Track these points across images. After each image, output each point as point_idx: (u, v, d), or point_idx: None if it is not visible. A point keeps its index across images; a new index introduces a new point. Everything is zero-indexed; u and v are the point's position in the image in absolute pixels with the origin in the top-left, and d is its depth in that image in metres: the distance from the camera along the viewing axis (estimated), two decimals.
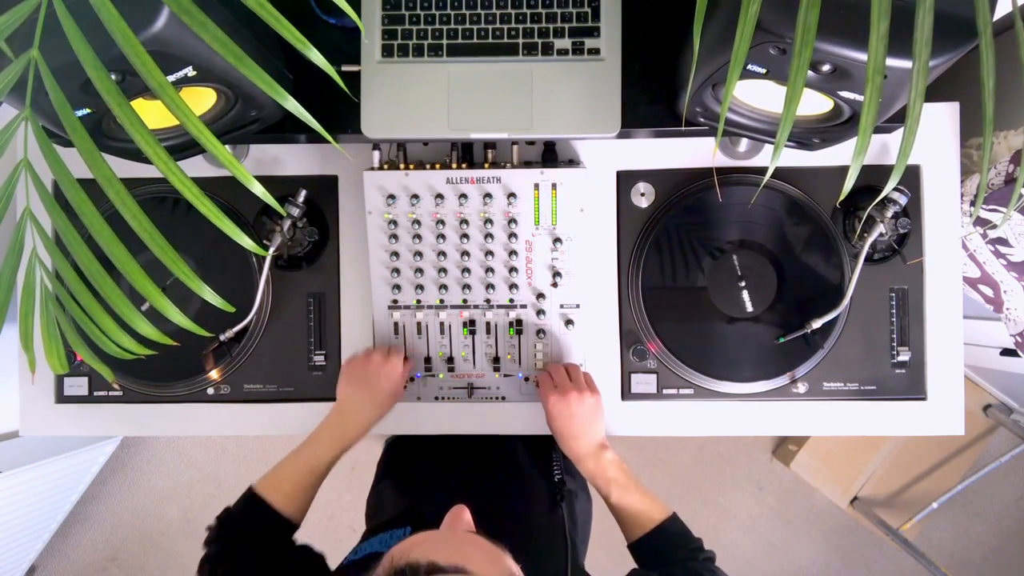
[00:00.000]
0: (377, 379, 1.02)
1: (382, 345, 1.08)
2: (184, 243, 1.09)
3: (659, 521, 0.94)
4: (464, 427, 1.14)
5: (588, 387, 1.01)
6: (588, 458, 0.98)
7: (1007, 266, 1.20)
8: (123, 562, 2.35)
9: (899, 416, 1.10)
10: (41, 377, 1.15)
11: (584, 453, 0.98)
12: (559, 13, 0.93)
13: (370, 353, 1.05)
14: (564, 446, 0.99)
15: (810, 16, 0.58)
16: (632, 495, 0.96)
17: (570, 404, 0.98)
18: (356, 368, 1.05)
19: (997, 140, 1.10)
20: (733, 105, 0.89)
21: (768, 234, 1.07)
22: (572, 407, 0.98)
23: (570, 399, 0.98)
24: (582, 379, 1.02)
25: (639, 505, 0.95)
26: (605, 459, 0.97)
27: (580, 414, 0.98)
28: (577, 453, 0.98)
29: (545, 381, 1.03)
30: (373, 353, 1.05)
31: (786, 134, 0.61)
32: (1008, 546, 2.26)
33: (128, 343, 0.71)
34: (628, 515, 0.95)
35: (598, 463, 0.97)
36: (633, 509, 0.95)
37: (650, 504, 0.96)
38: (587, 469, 0.98)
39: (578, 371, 1.04)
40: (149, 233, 0.63)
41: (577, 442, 0.98)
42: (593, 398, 0.99)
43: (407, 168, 1.04)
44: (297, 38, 0.62)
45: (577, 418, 0.98)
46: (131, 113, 0.61)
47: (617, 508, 0.96)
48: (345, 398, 1.04)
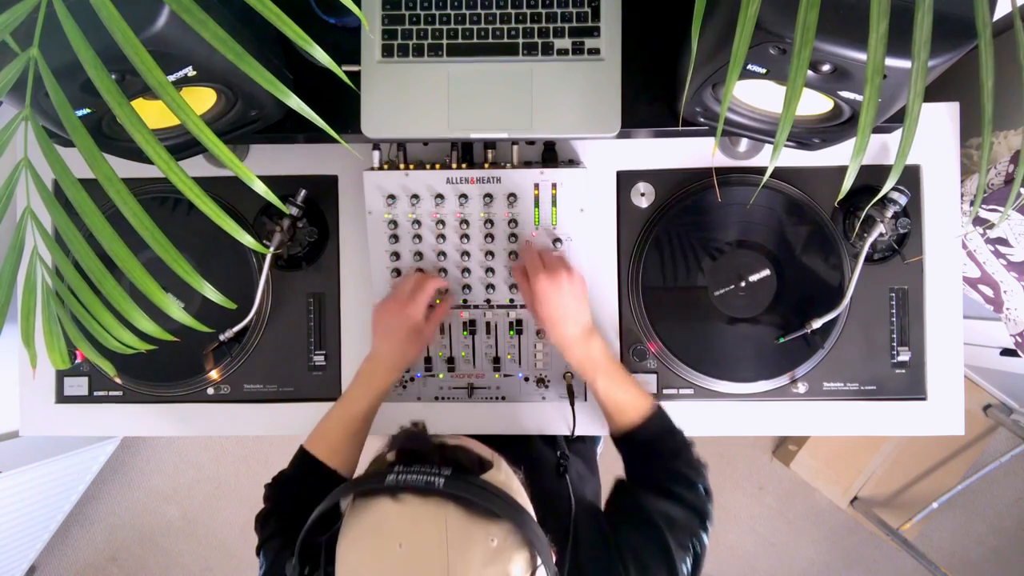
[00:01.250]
0: (396, 330, 0.98)
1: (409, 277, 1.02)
2: (184, 244, 1.09)
3: (645, 413, 0.93)
4: (464, 427, 1.14)
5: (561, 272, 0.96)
6: (576, 344, 0.95)
7: (1007, 266, 1.20)
8: (123, 562, 2.35)
9: (899, 416, 1.10)
10: (41, 377, 1.15)
11: (573, 338, 0.95)
12: (559, 13, 0.93)
13: (392, 298, 1.00)
14: (553, 332, 0.96)
15: (810, 16, 0.59)
16: (618, 384, 0.94)
17: (561, 284, 0.93)
18: (380, 316, 1.00)
19: (997, 140, 1.10)
20: (733, 105, 0.89)
21: (768, 234, 1.07)
22: (563, 287, 0.93)
23: (560, 278, 0.93)
24: (566, 260, 0.98)
25: (626, 395, 0.94)
26: (593, 345, 0.95)
27: (571, 293, 0.94)
28: (566, 338, 0.95)
29: (533, 261, 0.97)
30: (394, 295, 0.99)
31: (786, 134, 0.61)
32: (1008, 546, 2.26)
33: (129, 339, 0.71)
34: (612, 405, 0.94)
35: (586, 349, 0.95)
36: (617, 398, 0.94)
37: (636, 395, 0.95)
38: (575, 357, 0.96)
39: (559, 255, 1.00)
40: (150, 231, 0.63)
41: (567, 326, 0.95)
42: (580, 278, 0.96)
43: (407, 168, 1.04)
44: (299, 35, 0.62)
45: (567, 296, 0.94)
46: (131, 113, 0.61)
47: (603, 397, 0.95)
48: (374, 347, 1.01)
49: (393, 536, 0.60)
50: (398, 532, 0.60)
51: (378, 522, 0.62)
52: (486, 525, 0.61)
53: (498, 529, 0.62)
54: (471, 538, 0.60)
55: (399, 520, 0.61)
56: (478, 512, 0.62)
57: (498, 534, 0.61)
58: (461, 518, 0.61)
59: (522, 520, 0.63)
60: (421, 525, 0.60)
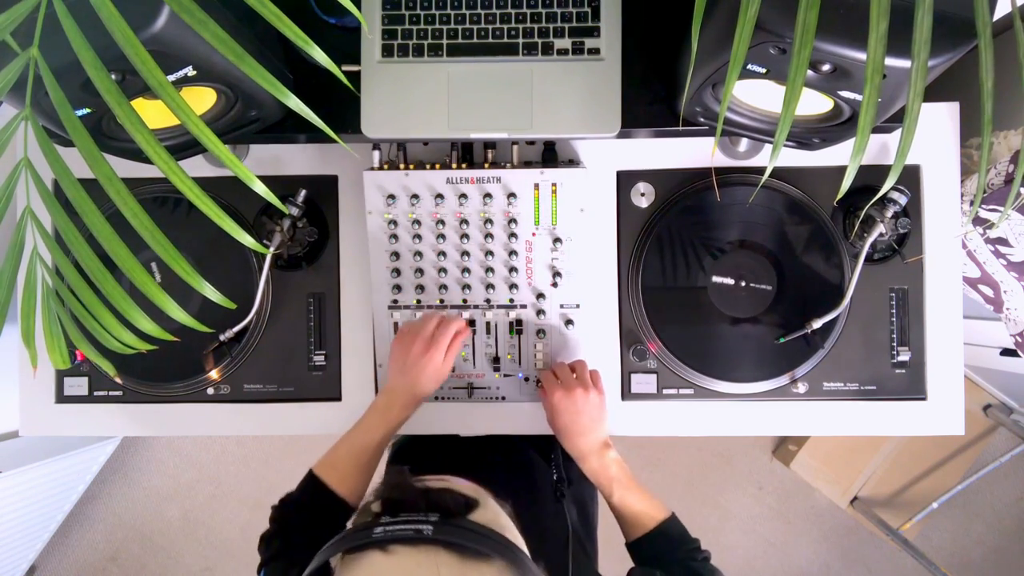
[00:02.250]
0: (416, 369, 0.98)
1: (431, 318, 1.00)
2: (184, 244, 1.09)
3: (659, 521, 0.94)
4: (464, 427, 1.14)
5: (594, 384, 1.00)
6: (591, 456, 0.97)
7: (1007, 266, 1.20)
8: (123, 562, 2.35)
9: (899, 416, 1.10)
10: (41, 377, 1.15)
11: (588, 451, 0.97)
12: (559, 13, 0.93)
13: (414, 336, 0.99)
14: (567, 443, 0.99)
15: (809, 16, 0.59)
16: (633, 495, 0.95)
17: (575, 401, 0.97)
18: (399, 353, 1.00)
19: (997, 140, 1.10)
20: (733, 105, 0.89)
21: (768, 234, 1.07)
22: (578, 404, 0.97)
23: (575, 396, 0.97)
24: (587, 376, 1.01)
25: (640, 505, 0.95)
26: (608, 457, 0.97)
27: (586, 411, 0.97)
28: (581, 451, 0.98)
29: (549, 377, 1.02)
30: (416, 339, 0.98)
31: (785, 134, 0.61)
32: (1008, 546, 2.26)
33: (129, 339, 0.71)
34: (629, 515, 0.95)
35: (601, 461, 0.97)
36: (634, 509, 0.95)
37: (650, 504, 0.95)
38: (590, 467, 0.98)
39: (584, 367, 1.03)
40: (150, 231, 0.64)
41: (582, 439, 0.97)
42: (599, 396, 0.99)
43: (407, 168, 1.04)
44: (299, 35, 0.62)
45: (583, 415, 0.97)
46: (131, 113, 0.61)
47: (619, 508, 0.96)
48: (391, 381, 1.01)
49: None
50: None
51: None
52: (479, 566, 0.61)
53: (491, 569, 0.61)
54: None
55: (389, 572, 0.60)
56: (469, 555, 0.61)
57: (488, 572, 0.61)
58: (453, 563, 0.60)
59: (514, 557, 0.63)
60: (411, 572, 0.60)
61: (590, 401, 0.98)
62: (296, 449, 2.23)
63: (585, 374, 1.01)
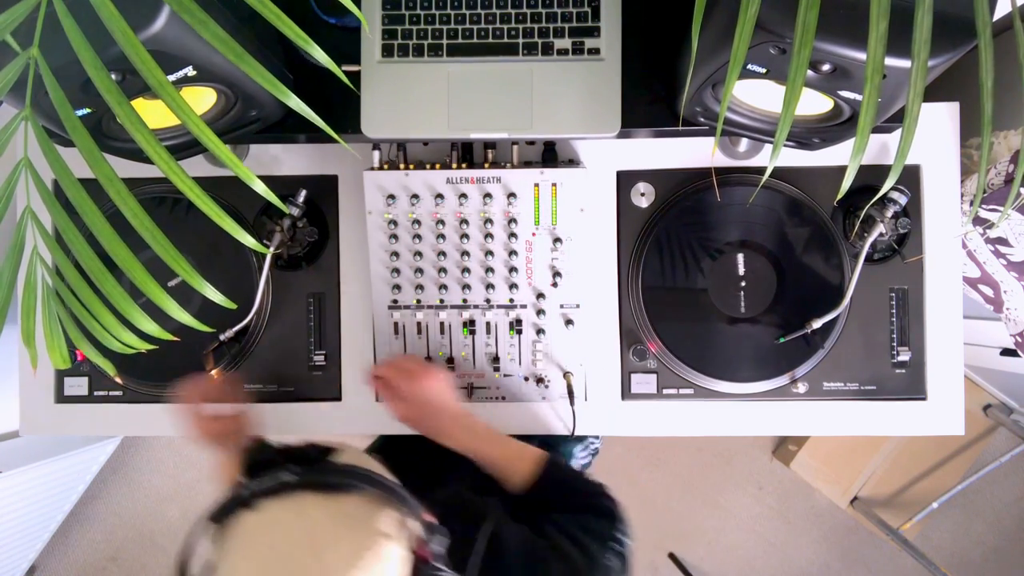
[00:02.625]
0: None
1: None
2: (184, 244, 1.09)
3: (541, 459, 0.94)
4: None
5: (422, 373, 0.98)
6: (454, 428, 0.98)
7: (1007, 266, 1.20)
8: (123, 562, 2.35)
9: (899, 416, 1.10)
10: (41, 377, 1.15)
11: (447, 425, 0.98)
12: (559, 13, 0.93)
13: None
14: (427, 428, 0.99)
15: (810, 16, 0.59)
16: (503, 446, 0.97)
17: (422, 385, 0.97)
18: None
19: (997, 140, 1.10)
20: (733, 105, 0.89)
21: (768, 234, 1.07)
22: (424, 388, 0.97)
23: (420, 381, 0.97)
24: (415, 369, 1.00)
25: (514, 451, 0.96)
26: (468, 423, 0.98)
27: (437, 391, 0.98)
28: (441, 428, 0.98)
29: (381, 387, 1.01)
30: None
31: (785, 134, 0.61)
32: (1008, 546, 2.26)
33: (129, 339, 0.71)
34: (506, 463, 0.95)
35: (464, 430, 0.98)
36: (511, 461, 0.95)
37: (522, 448, 0.96)
38: (456, 439, 0.97)
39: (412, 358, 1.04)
40: (150, 231, 0.64)
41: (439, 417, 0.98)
42: (429, 380, 0.98)
43: (407, 168, 1.04)
44: (299, 35, 0.62)
45: (427, 407, 0.98)
46: (131, 113, 0.61)
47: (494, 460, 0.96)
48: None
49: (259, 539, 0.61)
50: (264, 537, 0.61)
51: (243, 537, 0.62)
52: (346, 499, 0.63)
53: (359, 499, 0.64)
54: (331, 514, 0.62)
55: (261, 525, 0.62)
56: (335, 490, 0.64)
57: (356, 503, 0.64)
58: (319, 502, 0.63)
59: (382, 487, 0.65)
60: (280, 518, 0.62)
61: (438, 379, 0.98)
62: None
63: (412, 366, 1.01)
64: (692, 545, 2.24)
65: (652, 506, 2.23)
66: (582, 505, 0.89)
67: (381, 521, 0.63)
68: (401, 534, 0.64)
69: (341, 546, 0.60)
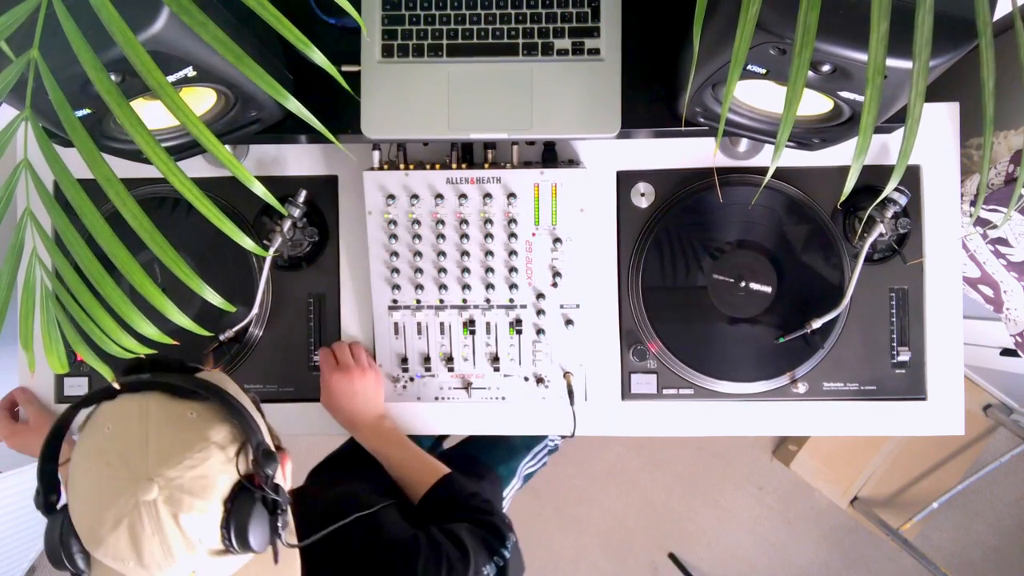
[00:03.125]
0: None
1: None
2: (184, 243, 1.09)
3: (440, 475, 1.00)
4: (463, 427, 1.14)
5: (369, 365, 1.08)
6: (367, 428, 1.06)
7: (1007, 266, 1.20)
8: None
9: (899, 416, 1.10)
10: (41, 377, 1.15)
11: (363, 425, 1.06)
12: (559, 13, 0.93)
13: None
14: (343, 421, 1.07)
15: (810, 16, 0.58)
16: (411, 455, 1.03)
17: (353, 383, 1.05)
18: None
19: (997, 140, 1.10)
20: (733, 105, 0.89)
21: (768, 234, 1.07)
22: (355, 385, 1.05)
23: (353, 377, 1.05)
24: (363, 357, 1.08)
25: (419, 463, 1.02)
26: (384, 427, 1.07)
27: (362, 391, 1.05)
28: (356, 426, 1.06)
29: (328, 359, 1.08)
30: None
31: (786, 134, 0.61)
32: (1008, 546, 2.26)
33: (128, 342, 0.71)
34: (410, 475, 1.01)
35: (377, 432, 1.06)
36: (414, 467, 1.02)
37: (427, 462, 1.02)
38: (365, 438, 1.06)
39: (360, 349, 1.10)
40: (149, 233, 0.63)
41: (358, 417, 1.06)
42: (374, 374, 1.07)
43: (407, 168, 1.04)
44: (298, 37, 0.62)
45: (358, 396, 1.05)
46: (131, 113, 0.61)
47: (399, 469, 1.03)
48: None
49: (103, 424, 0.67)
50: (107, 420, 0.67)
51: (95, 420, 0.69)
52: (186, 403, 0.68)
53: (198, 405, 0.69)
54: (169, 412, 0.67)
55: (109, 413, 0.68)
56: (179, 394, 0.69)
57: (198, 408, 0.68)
58: (162, 399, 0.68)
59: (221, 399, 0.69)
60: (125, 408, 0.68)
61: (366, 381, 1.06)
62: (296, 449, 2.22)
63: (362, 356, 1.08)
64: (692, 545, 2.24)
65: (652, 506, 2.23)
66: (469, 519, 0.93)
67: (214, 431, 0.67)
68: (231, 448, 0.67)
69: (166, 442, 0.64)
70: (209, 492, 0.64)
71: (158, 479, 0.62)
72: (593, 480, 2.23)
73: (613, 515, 2.22)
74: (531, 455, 1.41)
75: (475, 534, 0.90)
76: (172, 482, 0.62)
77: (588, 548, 2.20)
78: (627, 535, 2.22)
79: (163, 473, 0.62)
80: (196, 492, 0.63)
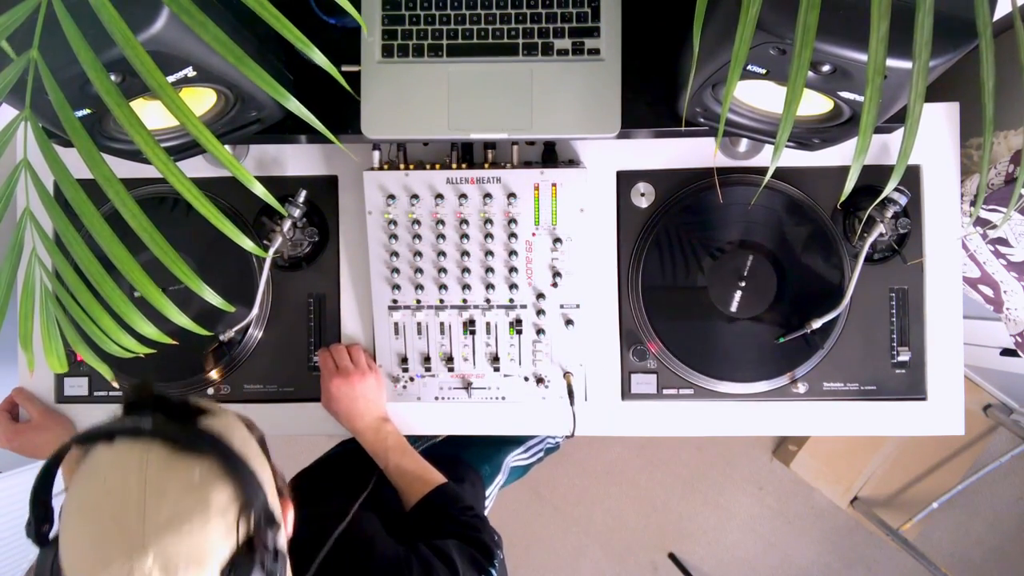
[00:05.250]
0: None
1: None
2: (184, 243, 1.09)
3: (435, 485, 1.00)
4: (464, 427, 1.14)
5: (369, 367, 1.08)
6: (368, 431, 1.06)
7: (1007, 266, 1.20)
8: None
9: (899, 416, 1.10)
10: (42, 377, 1.15)
11: (365, 427, 1.06)
12: (559, 13, 0.93)
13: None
14: (346, 424, 1.07)
15: (810, 16, 0.58)
16: (409, 461, 1.03)
17: (354, 387, 1.05)
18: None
19: (997, 140, 1.10)
20: (733, 105, 0.89)
21: (768, 234, 1.07)
22: (356, 389, 1.05)
23: (353, 381, 1.05)
24: (363, 360, 1.09)
25: (416, 469, 1.02)
26: (384, 431, 1.06)
27: (362, 395, 1.06)
28: (358, 429, 1.06)
29: (327, 362, 1.08)
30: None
31: (786, 134, 0.61)
32: (1008, 546, 2.26)
33: (128, 342, 0.71)
34: (406, 480, 1.01)
35: (377, 435, 1.05)
36: (411, 474, 1.02)
37: (425, 470, 1.02)
38: (367, 441, 1.06)
39: (359, 352, 1.10)
40: (149, 233, 0.63)
41: (359, 421, 1.06)
42: (375, 377, 1.08)
43: (407, 168, 1.04)
44: (298, 37, 0.62)
45: (359, 399, 1.06)
46: (131, 114, 0.61)
47: (395, 473, 1.02)
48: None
49: (99, 474, 0.64)
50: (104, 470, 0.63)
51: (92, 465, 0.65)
52: (189, 460, 0.64)
53: (201, 464, 0.64)
54: (170, 470, 0.63)
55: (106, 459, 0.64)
56: (182, 449, 0.64)
57: (199, 467, 0.64)
58: (163, 453, 0.63)
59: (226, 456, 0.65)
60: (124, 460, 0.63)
61: (367, 384, 1.06)
62: (296, 449, 2.22)
63: (361, 359, 1.09)
64: (692, 545, 2.24)
65: (652, 506, 2.24)
66: (459, 535, 0.93)
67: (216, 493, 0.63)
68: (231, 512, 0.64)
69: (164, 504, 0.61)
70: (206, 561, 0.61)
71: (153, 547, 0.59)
72: (593, 480, 2.23)
73: (613, 515, 2.22)
74: (522, 448, 1.41)
75: (464, 552, 0.89)
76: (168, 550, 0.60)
77: (588, 548, 2.20)
78: (627, 535, 2.22)
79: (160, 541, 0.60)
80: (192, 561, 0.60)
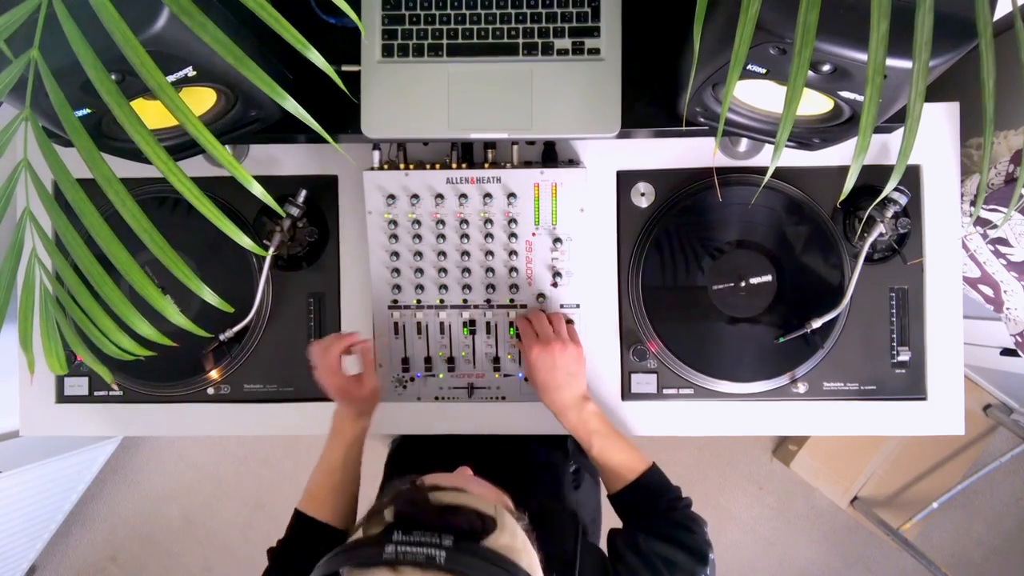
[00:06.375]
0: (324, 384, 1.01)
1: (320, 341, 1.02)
2: (184, 243, 1.09)
3: (640, 472, 0.95)
4: (464, 427, 1.14)
5: (571, 338, 1.01)
6: (571, 410, 0.98)
7: (1007, 266, 1.20)
8: (123, 562, 2.35)
9: (899, 416, 1.10)
10: (41, 377, 1.15)
11: (567, 404, 0.98)
12: (559, 13, 0.93)
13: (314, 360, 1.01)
14: (546, 398, 0.99)
15: (810, 16, 0.58)
16: (614, 446, 0.96)
17: (553, 355, 0.97)
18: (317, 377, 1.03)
19: (997, 140, 1.10)
20: (733, 105, 0.89)
21: (768, 234, 1.07)
22: (555, 358, 0.97)
23: (554, 350, 0.98)
24: (564, 330, 1.02)
25: (620, 456, 0.96)
26: (587, 410, 0.98)
27: (563, 365, 0.98)
28: (560, 404, 0.98)
29: (527, 330, 1.02)
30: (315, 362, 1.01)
31: (786, 134, 0.61)
32: (1008, 546, 2.26)
33: (127, 344, 0.71)
34: (610, 466, 0.96)
35: (580, 415, 0.97)
36: (615, 460, 0.96)
37: (631, 455, 0.97)
38: (569, 421, 0.98)
39: (561, 321, 1.03)
40: (148, 233, 0.63)
41: (560, 393, 0.98)
42: (576, 349, 1.00)
43: (407, 168, 1.04)
44: (296, 38, 0.62)
45: (560, 369, 0.97)
46: (131, 113, 0.61)
47: (599, 459, 0.97)
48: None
49: None
50: None
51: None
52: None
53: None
54: None
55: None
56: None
57: None
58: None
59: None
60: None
61: (567, 355, 0.98)
62: (296, 449, 2.23)
63: (562, 328, 1.02)
64: None
65: None
66: (670, 536, 0.87)
67: None
68: None
69: None
70: None
71: None
72: None
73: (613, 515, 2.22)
74: None
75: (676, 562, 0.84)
76: None
77: None
78: None
79: None
80: None
